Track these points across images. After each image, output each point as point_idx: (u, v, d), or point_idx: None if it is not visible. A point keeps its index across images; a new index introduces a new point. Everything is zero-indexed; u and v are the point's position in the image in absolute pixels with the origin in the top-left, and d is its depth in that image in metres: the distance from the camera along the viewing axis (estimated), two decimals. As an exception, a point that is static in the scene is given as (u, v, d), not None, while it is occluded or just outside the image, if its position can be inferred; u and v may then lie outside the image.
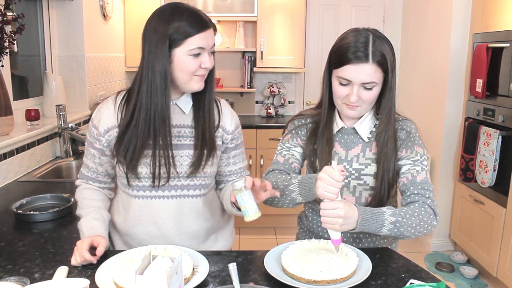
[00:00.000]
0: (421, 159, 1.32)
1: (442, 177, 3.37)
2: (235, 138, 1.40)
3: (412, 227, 1.20)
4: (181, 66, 1.22)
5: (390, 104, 1.31)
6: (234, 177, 1.45)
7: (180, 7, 1.23)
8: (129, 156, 1.26)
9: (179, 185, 1.33)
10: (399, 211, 1.21)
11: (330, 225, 1.15)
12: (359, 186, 1.36)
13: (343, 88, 1.28)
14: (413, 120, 1.40)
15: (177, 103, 1.32)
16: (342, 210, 1.13)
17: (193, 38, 1.20)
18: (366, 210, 1.19)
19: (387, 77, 1.27)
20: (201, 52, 1.22)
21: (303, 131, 1.43)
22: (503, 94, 2.68)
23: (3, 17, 1.96)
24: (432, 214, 1.24)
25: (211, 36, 1.25)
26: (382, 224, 1.18)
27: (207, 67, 1.24)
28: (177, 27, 1.19)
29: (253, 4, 3.79)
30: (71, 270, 1.16)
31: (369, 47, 1.23)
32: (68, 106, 2.73)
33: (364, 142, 1.36)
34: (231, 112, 1.41)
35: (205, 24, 1.22)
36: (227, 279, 1.12)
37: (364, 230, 1.19)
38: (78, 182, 1.43)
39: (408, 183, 1.29)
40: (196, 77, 1.25)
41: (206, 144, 1.31)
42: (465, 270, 3.01)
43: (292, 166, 1.40)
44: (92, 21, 3.09)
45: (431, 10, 3.48)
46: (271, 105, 4.16)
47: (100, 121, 1.31)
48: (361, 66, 1.23)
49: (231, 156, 1.42)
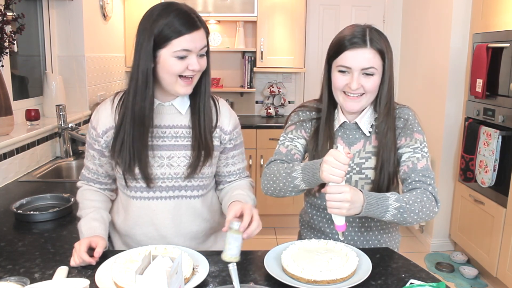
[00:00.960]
0: (421, 146, 1.32)
1: (442, 177, 3.37)
2: (233, 139, 1.39)
3: (415, 213, 1.20)
4: (166, 67, 1.20)
5: (389, 95, 1.31)
6: (233, 177, 1.44)
7: (170, 6, 1.20)
8: (124, 157, 1.25)
9: (176, 186, 1.32)
10: (402, 196, 1.21)
11: (336, 210, 1.14)
12: (361, 180, 1.36)
13: (343, 77, 1.27)
14: (410, 107, 1.40)
15: (173, 104, 1.31)
16: (348, 194, 1.12)
17: (178, 39, 1.18)
18: (371, 194, 1.19)
19: (385, 66, 1.28)
20: (187, 54, 1.20)
21: (308, 124, 1.43)
22: (503, 94, 2.68)
23: (3, 17, 1.96)
24: (434, 201, 1.25)
25: (200, 38, 1.21)
26: (387, 209, 1.18)
27: (194, 69, 1.21)
28: (163, 27, 1.17)
29: (253, 4, 3.79)
30: (71, 270, 1.16)
31: (366, 35, 1.25)
32: (68, 106, 2.73)
33: (365, 137, 1.37)
34: (230, 112, 1.39)
35: (193, 26, 1.19)
36: (227, 279, 1.12)
37: (368, 214, 1.19)
38: (79, 184, 1.43)
39: (409, 171, 1.29)
40: (181, 80, 1.22)
41: (203, 145, 1.29)
42: (465, 270, 3.01)
43: (294, 157, 1.39)
44: (92, 21, 3.08)
45: (431, 10, 3.48)
46: (271, 105, 4.16)
47: (99, 122, 1.31)
48: (359, 51, 1.24)
49: (229, 157, 1.41)
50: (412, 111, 1.38)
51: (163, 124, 1.31)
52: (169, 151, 1.30)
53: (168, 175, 1.30)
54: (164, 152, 1.30)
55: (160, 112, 1.31)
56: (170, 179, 1.31)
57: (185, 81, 1.23)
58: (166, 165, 1.30)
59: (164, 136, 1.31)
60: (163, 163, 1.30)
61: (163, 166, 1.30)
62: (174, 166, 1.30)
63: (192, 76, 1.24)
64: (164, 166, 1.30)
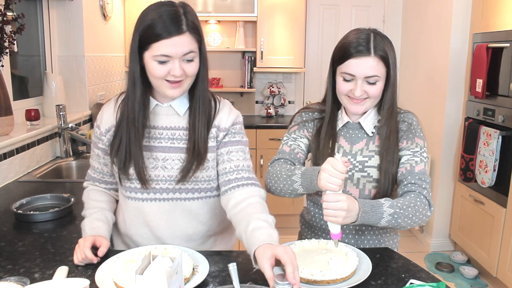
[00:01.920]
0: (420, 150, 1.34)
1: (442, 177, 3.37)
2: (229, 134, 1.31)
3: (409, 217, 1.22)
4: (150, 70, 1.18)
5: (392, 99, 1.34)
6: (230, 175, 1.28)
7: (160, 7, 1.16)
8: (120, 156, 1.25)
9: (170, 188, 1.30)
10: (396, 202, 1.23)
11: (333, 218, 1.15)
12: (363, 178, 1.37)
13: (347, 84, 1.30)
14: (414, 113, 1.42)
15: (172, 105, 1.29)
16: (345, 202, 1.13)
17: (158, 44, 1.13)
18: (365, 202, 1.20)
19: (389, 72, 1.30)
20: (167, 59, 1.15)
21: (310, 124, 1.45)
22: (503, 94, 2.68)
23: (3, 17, 1.96)
24: (427, 205, 1.26)
25: (183, 43, 1.14)
26: (381, 216, 1.20)
27: (175, 75, 1.16)
28: (146, 29, 1.14)
29: (253, 4, 3.79)
30: (71, 270, 1.15)
31: (370, 42, 1.26)
32: (68, 106, 2.72)
33: (368, 136, 1.39)
34: (230, 110, 1.33)
35: (175, 30, 1.13)
36: (227, 279, 1.12)
37: (364, 222, 1.20)
38: (86, 184, 1.43)
39: (406, 173, 1.31)
40: (167, 83, 1.19)
41: (197, 149, 1.25)
42: (465, 270, 3.01)
43: (297, 156, 1.42)
44: (92, 21, 3.08)
45: (431, 10, 3.48)
46: (271, 105, 4.16)
47: (102, 121, 1.32)
48: (363, 60, 1.26)
49: (224, 153, 1.30)
50: (416, 116, 1.41)
51: (160, 125, 1.29)
52: (164, 153, 1.28)
53: (162, 177, 1.28)
54: (159, 153, 1.28)
55: (158, 113, 1.29)
56: (164, 181, 1.29)
57: (171, 84, 1.19)
58: (161, 167, 1.28)
59: (160, 138, 1.29)
60: (157, 165, 1.28)
61: (157, 168, 1.28)
62: (168, 169, 1.28)
63: (179, 81, 1.19)
64: (158, 168, 1.28)
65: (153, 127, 1.29)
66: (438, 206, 3.42)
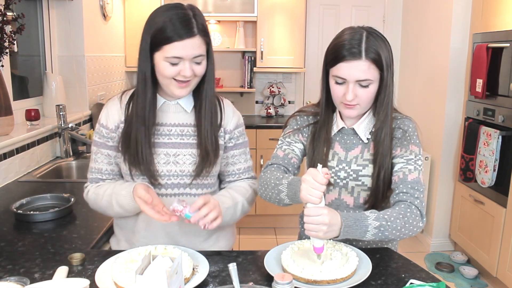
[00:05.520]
0: (415, 158, 1.29)
1: (442, 177, 3.37)
2: (234, 138, 1.39)
3: (397, 229, 1.17)
4: (160, 70, 1.21)
5: (387, 101, 1.29)
6: (232, 177, 1.42)
7: (171, 9, 1.19)
8: (132, 152, 1.27)
9: (182, 183, 1.33)
10: (383, 214, 1.17)
11: (313, 233, 1.10)
12: (357, 187, 1.35)
13: (340, 87, 1.26)
14: (413, 119, 1.38)
15: (179, 102, 1.33)
16: (326, 217, 1.09)
17: (169, 46, 1.17)
18: (349, 216, 1.15)
19: (383, 74, 1.25)
20: (178, 61, 1.19)
21: (305, 128, 1.42)
22: (503, 94, 2.69)
23: (3, 17, 1.96)
24: (419, 216, 1.21)
25: (193, 46, 1.19)
26: (366, 229, 1.15)
27: (186, 75, 1.20)
28: (158, 31, 1.17)
29: (253, 4, 3.79)
30: (71, 270, 1.15)
31: (362, 44, 1.21)
32: (68, 106, 2.73)
33: (363, 143, 1.35)
34: (233, 112, 1.39)
35: (187, 33, 1.17)
36: (227, 279, 1.12)
37: (347, 237, 1.15)
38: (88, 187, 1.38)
39: (398, 181, 1.27)
40: (176, 83, 1.23)
41: (210, 145, 1.30)
42: (465, 270, 3.02)
43: (291, 161, 1.39)
44: (92, 21, 3.09)
45: (431, 10, 3.48)
46: (271, 105, 4.16)
47: (109, 119, 1.32)
48: (354, 63, 1.21)
49: (229, 156, 1.40)
50: (413, 122, 1.35)
51: (169, 122, 1.32)
52: (175, 148, 1.31)
53: (174, 172, 1.31)
54: (170, 149, 1.31)
55: (166, 110, 1.32)
56: (176, 176, 1.32)
57: (179, 84, 1.23)
58: (172, 162, 1.31)
59: (170, 134, 1.32)
60: (169, 160, 1.31)
61: (169, 163, 1.31)
62: (180, 164, 1.31)
63: (187, 80, 1.23)
64: (170, 163, 1.31)
65: (162, 124, 1.32)
66: (438, 206, 3.42)
